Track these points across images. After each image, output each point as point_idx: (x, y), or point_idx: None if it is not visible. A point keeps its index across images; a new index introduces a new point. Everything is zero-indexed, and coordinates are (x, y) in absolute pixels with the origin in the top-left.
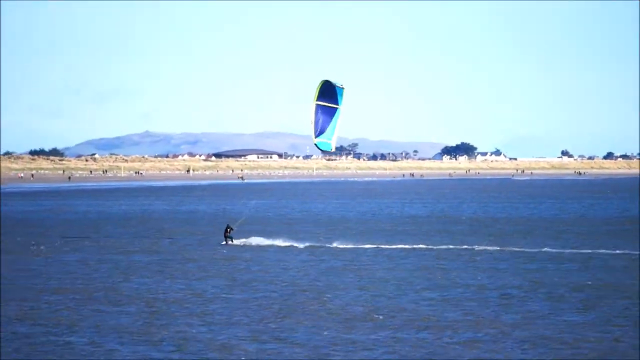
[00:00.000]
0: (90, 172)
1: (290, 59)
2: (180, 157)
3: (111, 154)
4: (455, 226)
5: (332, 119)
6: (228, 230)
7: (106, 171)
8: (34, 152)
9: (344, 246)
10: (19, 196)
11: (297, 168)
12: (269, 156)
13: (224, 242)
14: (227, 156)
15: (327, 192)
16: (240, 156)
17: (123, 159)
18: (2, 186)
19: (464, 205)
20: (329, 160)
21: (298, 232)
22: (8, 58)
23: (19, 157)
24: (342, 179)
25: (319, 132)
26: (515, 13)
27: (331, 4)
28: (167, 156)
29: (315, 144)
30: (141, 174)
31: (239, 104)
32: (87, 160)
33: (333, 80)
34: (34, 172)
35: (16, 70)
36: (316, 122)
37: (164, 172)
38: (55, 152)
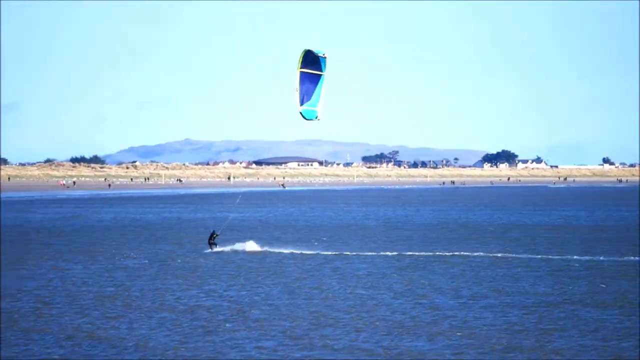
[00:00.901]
0: (131, 179)
1: (329, 66)
2: (220, 164)
3: (152, 161)
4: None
5: (316, 86)
6: (213, 236)
7: (148, 179)
8: (74, 160)
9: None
10: (56, 203)
11: (337, 175)
12: (309, 163)
13: (209, 250)
14: (268, 163)
15: (375, 199)
16: (280, 164)
17: (164, 166)
18: (45, 193)
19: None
20: (369, 167)
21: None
22: (49, 65)
23: (60, 165)
24: (383, 186)
25: (304, 100)
26: (556, 16)
27: (372, 8)
28: (207, 164)
29: (300, 112)
30: (181, 181)
31: (279, 111)
32: (127, 168)
33: (315, 49)
34: (75, 179)
35: (57, 77)
36: (301, 90)
37: (205, 179)
38: (96, 160)
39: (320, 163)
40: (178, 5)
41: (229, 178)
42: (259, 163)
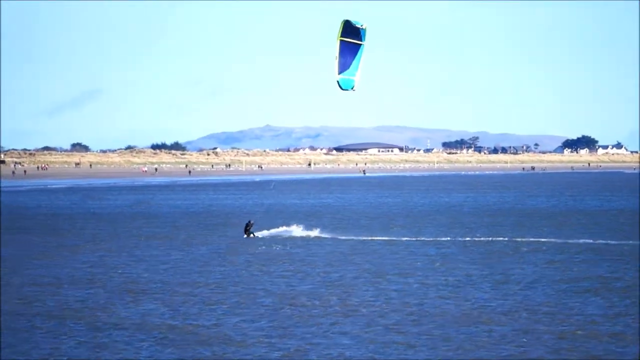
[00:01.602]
0: (212, 166)
1: (409, 54)
2: (301, 150)
3: (232, 147)
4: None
5: (355, 55)
6: (249, 225)
7: (229, 165)
8: (155, 146)
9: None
10: (133, 190)
11: (417, 162)
12: (389, 150)
13: (245, 236)
14: (348, 150)
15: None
16: (361, 150)
17: (244, 152)
18: (127, 179)
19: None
20: (449, 153)
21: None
22: (129, 52)
23: (140, 151)
24: (463, 172)
25: (343, 69)
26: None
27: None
28: (288, 150)
29: (337, 82)
30: (261, 167)
31: (359, 97)
32: (208, 155)
33: (353, 20)
34: (156, 166)
35: (138, 64)
36: (340, 59)
37: (285, 166)
38: (177, 146)
39: (401, 149)
40: None
41: (309, 164)
42: (339, 149)
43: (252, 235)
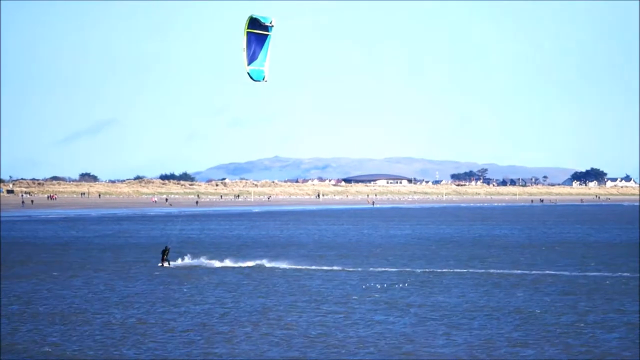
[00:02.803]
0: (221, 196)
1: (418, 87)
2: (310, 182)
3: (241, 178)
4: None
5: (263, 45)
6: (166, 252)
7: (238, 196)
8: (164, 177)
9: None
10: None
11: (426, 193)
12: (398, 181)
13: (160, 264)
14: (357, 181)
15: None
16: (369, 181)
17: (253, 183)
18: (134, 209)
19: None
20: (458, 185)
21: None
22: (138, 87)
23: (149, 182)
24: (472, 204)
25: (251, 60)
26: None
27: (456, 25)
28: (296, 181)
29: (247, 73)
30: (270, 198)
31: (368, 129)
32: (217, 185)
33: (261, 16)
34: (166, 196)
35: (147, 99)
36: (248, 50)
37: (294, 197)
38: (185, 177)
39: (410, 181)
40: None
41: (318, 195)
42: (348, 181)
43: (167, 263)
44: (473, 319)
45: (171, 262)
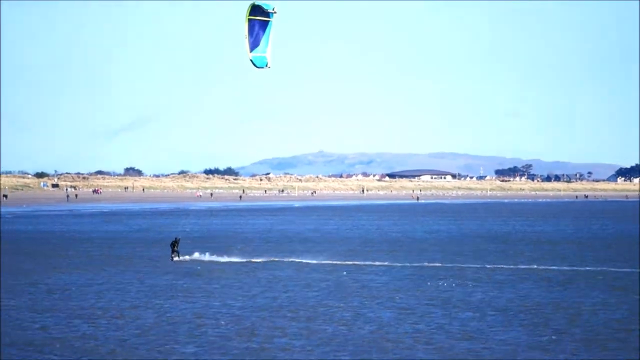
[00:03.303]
0: (265, 191)
1: (463, 81)
2: (354, 177)
3: (285, 173)
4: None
5: (264, 31)
6: (175, 244)
7: (282, 191)
8: (208, 172)
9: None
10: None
11: (470, 189)
12: (442, 176)
13: (172, 258)
14: (401, 176)
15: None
16: (413, 176)
17: (297, 178)
18: (177, 204)
19: None
20: (502, 181)
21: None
22: (184, 80)
23: (194, 176)
24: (516, 199)
25: (254, 46)
26: None
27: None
28: (341, 176)
29: (250, 60)
30: (314, 193)
31: (413, 124)
32: (261, 180)
33: (264, 4)
34: (211, 191)
35: (193, 92)
36: (250, 36)
37: (338, 192)
38: (229, 172)
39: (454, 176)
40: (307, 19)
41: (362, 191)
42: (392, 176)
43: (177, 256)
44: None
45: (191, 256)
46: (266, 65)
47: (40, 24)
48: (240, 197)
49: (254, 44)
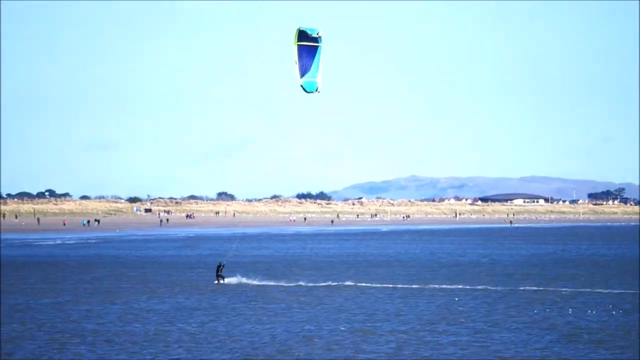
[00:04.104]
0: (357, 215)
1: (555, 105)
2: (446, 201)
3: (378, 197)
4: None
5: (314, 57)
6: (220, 268)
7: (375, 215)
8: (301, 196)
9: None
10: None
11: (562, 212)
12: (535, 200)
13: (216, 281)
14: (493, 200)
15: None
16: (506, 200)
17: (389, 202)
18: (271, 228)
19: None
20: (595, 204)
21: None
22: (280, 102)
23: (286, 201)
24: (609, 223)
25: (304, 72)
26: None
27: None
28: (433, 200)
29: (301, 85)
30: (408, 217)
31: (505, 147)
32: (353, 204)
33: (308, 28)
34: (300, 215)
35: (286, 116)
36: (299, 62)
37: (430, 216)
38: (322, 196)
39: (546, 200)
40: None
41: (455, 215)
42: (484, 200)
43: (222, 280)
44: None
45: (238, 279)
46: (316, 90)
47: (135, 48)
48: (332, 221)
49: (304, 70)
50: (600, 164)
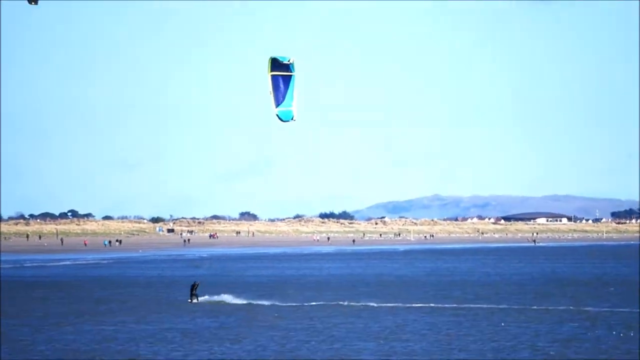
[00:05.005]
0: (380, 235)
1: (578, 124)
2: (469, 220)
3: (400, 217)
4: None
5: (288, 87)
6: (195, 287)
7: (399, 234)
8: (324, 215)
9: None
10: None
11: (585, 231)
12: (558, 219)
13: (190, 300)
14: (516, 219)
15: None
16: (529, 219)
17: (412, 222)
18: (291, 248)
19: None
20: (618, 223)
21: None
22: (303, 122)
23: (309, 220)
24: (632, 242)
25: (279, 102)
26: None
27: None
28: (456, 219)
29: (276, 115)
30: (432, 236)
31: (527, 166)
32: (376, 224)
33: (280, 56)
34: (323, 234)
35: (309, 134)
36: (275, 92)
37: (453, 235)
38: (345, 215)
39: (569, 219)
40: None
41: (479, 234)
42: (507, 219)
43: (196, 299)
44: None
45: (200, 298)
46: (292, 119)
47: (160, 68)
48: (354, 241)
49: (278, 100)
50: (624, 182)
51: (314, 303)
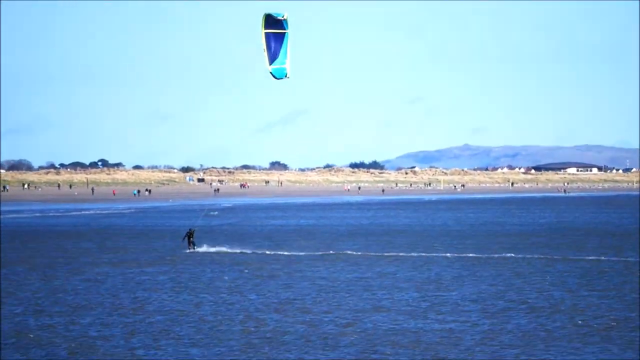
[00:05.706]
0: (410, 185)
1: (609, 73)
2: (499, 170)
3: (431, 166)
4: None
5: (282, 44)
6: (191, 234)
7: (429, 184)
8: (354, 165)
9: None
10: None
11: (616, 181)
12: (588, 169)
13: (188, 250)
14: (547, 169)
15: None
16: (559, 169)
17: (442, 172)
18: (321, 198)
19: None
20: None
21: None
22: (335, 73)
23: (339, 170)
24: None
25: (273, 59)
26: None
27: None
28: (486, 169)
29: (270, 72)
30: (464, 186)
31: (559, 116)
32: (406, 174)
33: (274, 12)
34: (354, 184)
35: (341, 84)
36: (268, 49)
37: (483, 185)
38: (375, 165)
39: (600, 169)
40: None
41: (512, 184)
42: (537, 169)
43: (194, 247)
44: None
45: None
46: (285, 76)
47: (193, 21)
48: (383, 190)
49: (273, 57)
50: None
51: (321, 252)
